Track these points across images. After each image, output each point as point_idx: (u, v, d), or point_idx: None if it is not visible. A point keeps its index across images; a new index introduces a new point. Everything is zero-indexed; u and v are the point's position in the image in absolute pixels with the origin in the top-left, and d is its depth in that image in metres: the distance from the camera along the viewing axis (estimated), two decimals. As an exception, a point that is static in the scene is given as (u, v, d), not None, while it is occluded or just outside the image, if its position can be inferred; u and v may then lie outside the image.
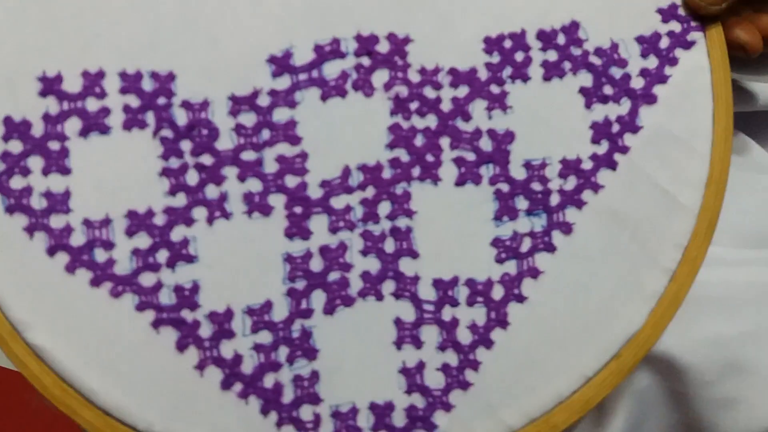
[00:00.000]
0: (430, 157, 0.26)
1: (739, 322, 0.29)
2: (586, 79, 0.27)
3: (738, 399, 0.29)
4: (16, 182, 0.25)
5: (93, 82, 0.26)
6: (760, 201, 0.31)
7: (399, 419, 0.25)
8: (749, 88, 0.32)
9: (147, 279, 0.25)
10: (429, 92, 0.27)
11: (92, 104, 0.26)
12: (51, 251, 0.25)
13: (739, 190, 0.31)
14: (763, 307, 0.30)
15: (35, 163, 0.25)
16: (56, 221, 0.25)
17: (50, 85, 0.25)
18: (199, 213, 0.25)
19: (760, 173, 0.31)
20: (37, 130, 0.25)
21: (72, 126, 0.25)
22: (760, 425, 0.30)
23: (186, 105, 0.26)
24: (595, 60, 0.27)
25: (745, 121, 0.32)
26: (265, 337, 0.25)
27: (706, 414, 0.30)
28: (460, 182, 0.26)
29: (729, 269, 0.30)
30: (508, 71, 0.27)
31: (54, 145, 0.25)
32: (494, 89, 0.27)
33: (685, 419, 0.31)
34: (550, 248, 0.26)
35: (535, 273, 0.26)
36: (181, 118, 0.26)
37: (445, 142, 0.27)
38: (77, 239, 0.25)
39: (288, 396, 0.24)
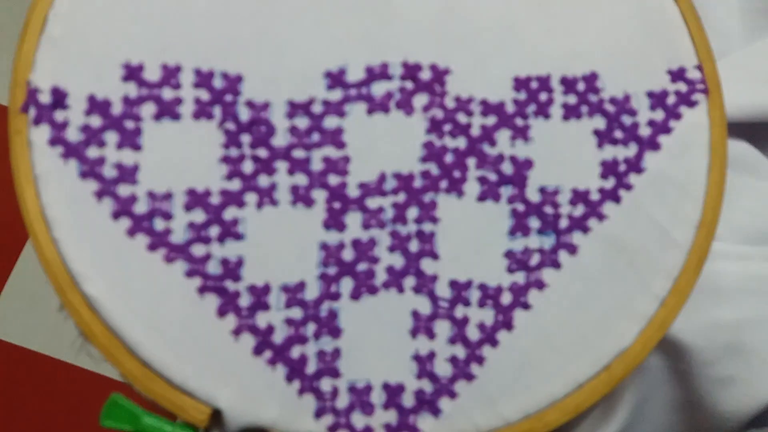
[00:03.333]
0: (457, 173, 0.30)
1: (738, 309, 0.32)
2: (599, 122, 0.31)
3: (736, 378, 0.32)
4: (92, 152, 0.28)
5: (170, 74, 0.29)
6: (760, 203, 0.35)
7: (408, 400, 0.27)
8: None
9: (198, 250, 0.28)
10: (461, 118, 0.30)
11: (167, 93, 0.29)
12: (115, 215, 0.28)
13: (741, 193, 0.34)
14: (762, 296, 0.33)
15: (111, 137, 0.28)
16: (123, 190, 0.28)
17: (132, 73, 0.29)
18: (250, 198, 0.28)
19: (761, 180, 0.35)
20: (116, 109, 0.29)
21: (147, 110, 0.29)
22: (757, 402, 0.32)
23: (249, 104, 0.29)
24: (609, 107, 0.31)
25: (749, 131, 0.36)
26: (296, 312, 0.28)
27: (707, 391, 0.33)
28: (481, 198, 0.30)
29: (731, 263, 0.33)
30: (532, 108, 0.31)
31: (129, 124, 0.29)
32: (519, 122, 0.31)
33: (688, 396, 0.33)
34: (556, 265, 0.29)
35: (540, 285, 0.29)
36: (244, 114, 0.29)
37: (471, 161, 0.30)
38: (140, 208, 0.28)
39: (311, 368, 0.27)
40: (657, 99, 0.31)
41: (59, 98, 0.28)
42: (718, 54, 0.32)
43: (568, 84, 0.31)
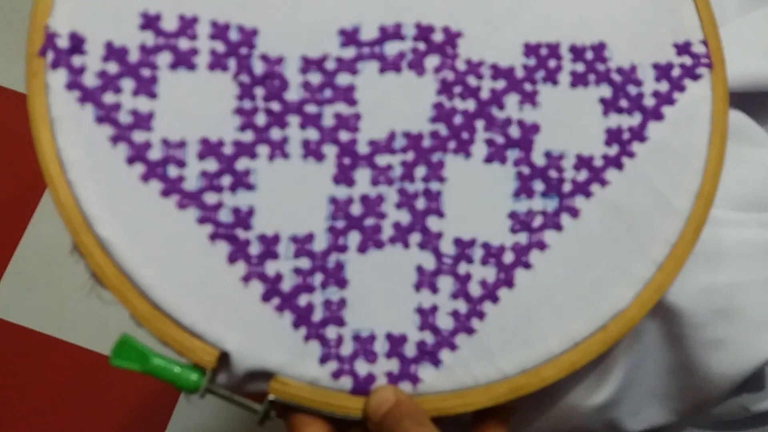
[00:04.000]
0: (465, 135, 0.30)
1: (729, 273, 0.33)
2: (606, 91, 0.32)
3: (726, 340, 0.33)
4: (108, 98, 0.28)
5: (187, 25, 0.30)
6: (755, 171, 0.36)
7: (410, 350, 0.28)
8: None
9: (210, 198, 0.28)
10: (472, 80, 0.31)
11: (184, 43, 0.29)
12: (130, 161, 0.28)
13: (736, 161, 0.35)
14: (752, 261, 0.34)
15: (127, 84, 0.29)
16: (138, 136, 0.28)
17: (149, 22, 0.29)
18: (263, 150, 0.29)
19: (755, 148, 0.36)
20: (133, 57, 0.29)
21: (163, 59, 0.29)
22: (747, 365, 0.33)
23: (264, 58, 0.30)
24: (616, 77, 0.32)
25: (745, 101, 0.37)
26: (304, 263, 0.28)
27: (699, 354, 0.34)
28: (488, 159, 0.30)
29: (724, 228, 0.34)
30: (541, 74, 0.31)
31: (146, 72, 0.29)
32: (527, 87, 0.31)
33: (681, 359, 0.34)
34: (558, 227, 0.30)
35: (542, 246, 0.30)
36: (258, 68, 0.30)
37: (480, 124, 0.31)
38: (154, 154, 0.28)
39: (317, 316, 0.28)
40: (662, 71, 0.32)
41: (77, 43, 0.29)
42: None
43: (577, 52, 0.32)
